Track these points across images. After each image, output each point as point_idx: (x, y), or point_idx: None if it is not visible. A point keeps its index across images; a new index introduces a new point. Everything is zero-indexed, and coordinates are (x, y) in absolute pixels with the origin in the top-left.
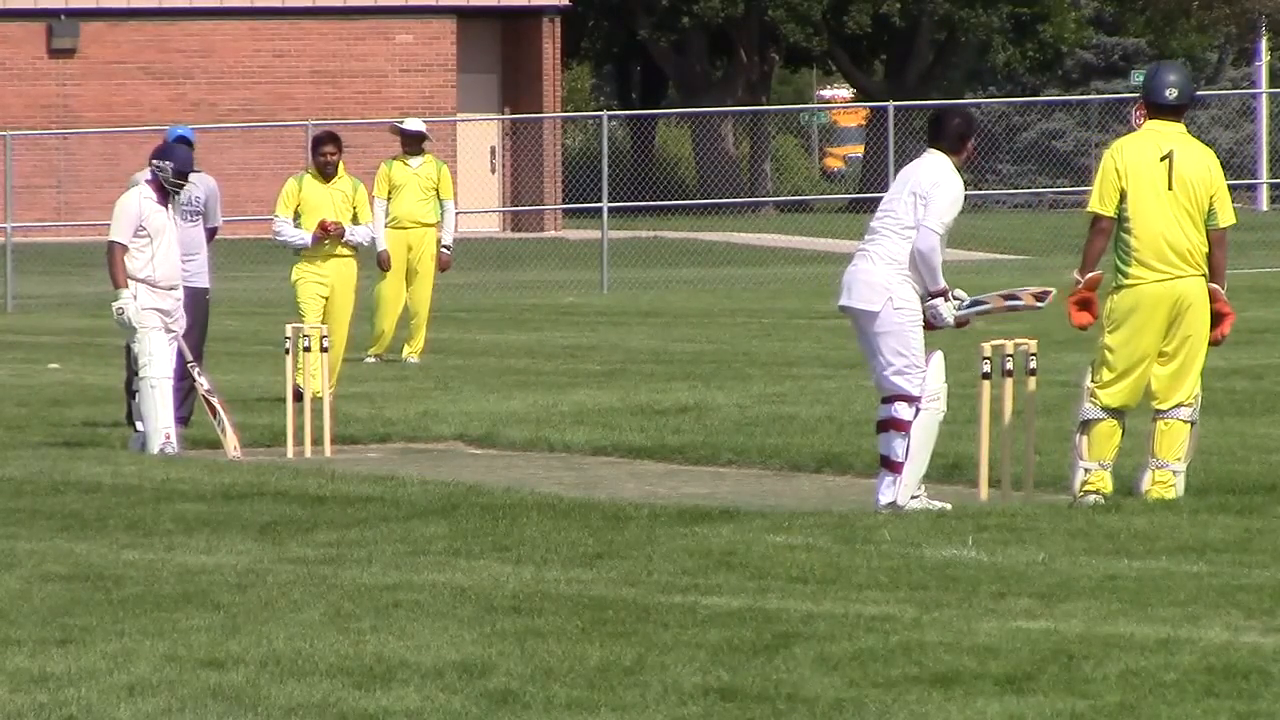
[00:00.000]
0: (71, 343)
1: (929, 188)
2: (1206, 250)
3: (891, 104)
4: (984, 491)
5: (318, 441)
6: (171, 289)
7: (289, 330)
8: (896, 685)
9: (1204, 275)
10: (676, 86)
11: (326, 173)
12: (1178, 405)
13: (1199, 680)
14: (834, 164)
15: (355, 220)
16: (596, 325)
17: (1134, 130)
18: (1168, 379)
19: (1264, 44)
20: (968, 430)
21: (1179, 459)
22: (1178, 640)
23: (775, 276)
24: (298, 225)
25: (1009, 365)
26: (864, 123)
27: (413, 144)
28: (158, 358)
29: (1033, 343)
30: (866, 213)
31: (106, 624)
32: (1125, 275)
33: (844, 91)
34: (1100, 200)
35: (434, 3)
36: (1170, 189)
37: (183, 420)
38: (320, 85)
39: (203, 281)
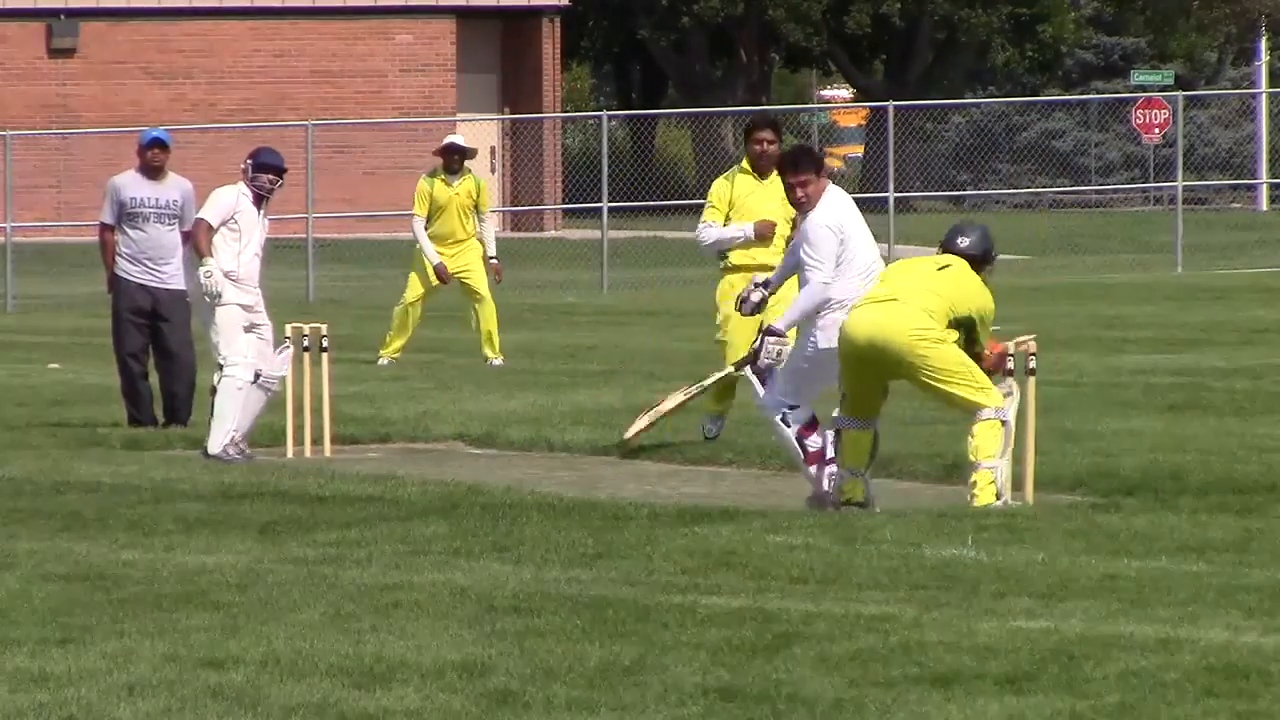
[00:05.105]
0: (71, 343)
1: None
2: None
3: (891, 104)
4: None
5: (318, 441)
6: (252, 288)
7: (288, 330)
8: (896, 685)
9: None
10: (676, 86)
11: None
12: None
13: (1199, 680)
14: (834, 164)
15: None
16: (596, 325)
17: (1132, 128)
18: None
19: (1264, 44)
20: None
21: (991, 456)
22: (1178, 640)
23: None
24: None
25: (1009, 365)
26: (864, 123)
27: (454, 160)
28: (247, 359)
29: (1033, 343)
30: (866, 212)
31: (106, 624)
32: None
33: (844, 91)
34: None
35: (434, 3)
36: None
37: (180, 421)
38: (320, 85)
39: (180, 284)
